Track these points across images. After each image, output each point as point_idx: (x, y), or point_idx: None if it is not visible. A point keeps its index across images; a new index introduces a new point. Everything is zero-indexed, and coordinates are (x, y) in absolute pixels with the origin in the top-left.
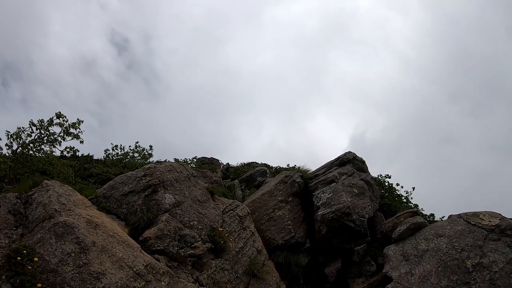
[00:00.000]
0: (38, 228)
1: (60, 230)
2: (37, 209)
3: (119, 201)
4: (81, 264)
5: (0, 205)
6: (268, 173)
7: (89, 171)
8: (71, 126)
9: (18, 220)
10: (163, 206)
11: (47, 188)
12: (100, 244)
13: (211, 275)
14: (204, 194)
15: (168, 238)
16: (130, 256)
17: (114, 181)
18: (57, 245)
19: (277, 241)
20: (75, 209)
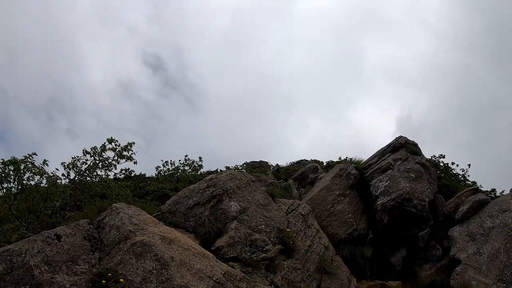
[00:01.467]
0: (115, 250)
1: (139, 250)
2: (111, 232)
3: (186, 214)
4: (164, 280)
5: (75, 232)
6: (319, 169)
7: (145, 190)
8: (123, 149)
9: (94, 244)
10: (230, 214)
11: (117, 211)
12: (178, 259)
13: (285, 276)
14: (266, 198)
15: (240, 245)
16: (208, 267)
17: (178, 195)
18: (138, 264)
19: (340, 235)
20: (148, 228)
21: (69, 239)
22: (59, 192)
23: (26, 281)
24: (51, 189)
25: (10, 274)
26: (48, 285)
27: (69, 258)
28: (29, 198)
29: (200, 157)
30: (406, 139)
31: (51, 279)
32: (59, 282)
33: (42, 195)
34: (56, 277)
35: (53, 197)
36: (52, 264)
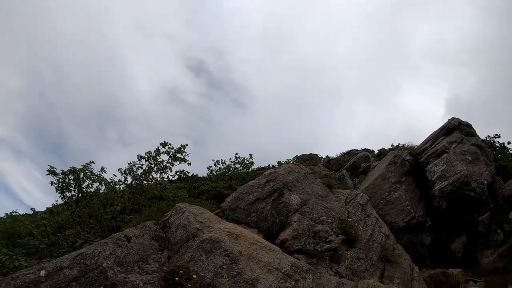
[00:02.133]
0: (184, 248)
1: (208, 246)
2: (178, 231)
3: (247, 210)
4: (235, 274)
5: (143, 233)
6: (370, 157)
7: (199, 190)
8: (177, 151)
9: (161, 244)
10: (292, 207)
11: (182, 211)
12: (246, 253)
13: (349, 266)
14: (324, 189)
15: (303, 237)
16: (275, 259)
17: (237, 192)
18: (208, 260)
19: (398, 223)
20: (213, 225)
21: (138, 240)
22: (118, 197)
23: (100, 282)
24: (110, 195)
25: (84, 276)
26: (122, 285)
27: (140, 258)
28: (90, 204)
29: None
30: (459, 120)
31: (124, 279)
32: (133, 282)
33: (102, 200)
34: (129, 277)
35: (113, 202)
36: (124, 264)
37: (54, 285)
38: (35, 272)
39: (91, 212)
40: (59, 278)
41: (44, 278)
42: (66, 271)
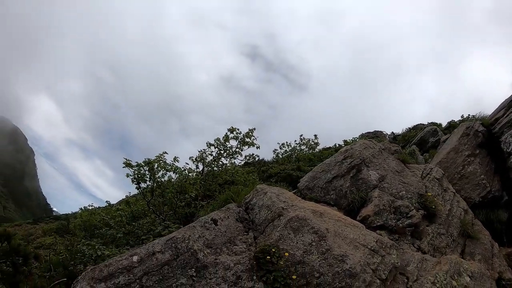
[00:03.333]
0: (270, 228)
1: (295, 224)
2: (261, 212)
3: (325, 188)
4: (324, 250)
5: (228, 216)
6: (439, 131)
7: (268, 173)
8: (245, 136)
9: (246, 225)
10: (371, 183)
11: (264, 191)
12: (332, 230)
13: (430, 242)
14: (398, 164)
15: (385, 213)
16: (360, 236)
17: (313, 171)
18: (297, 238)
19: (473, 199)
20: (296, 204)
21: (224, 222)
22: (190, 185)
23: (191, 264)
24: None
25: (176, 259)
26: (213, 266)
27: (227, 240)
28: (164, 193)
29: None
30: None
31: (215, 261)
32: (223, 263)
33: (176, 188)
34: (219, 258)
35: (186, 189)
36: (212, 247)
37: (147, 270)
38: (128, 258)
39: (165, 200)
40: (152, 262)
41: (137, 263)
42: (158, 255)
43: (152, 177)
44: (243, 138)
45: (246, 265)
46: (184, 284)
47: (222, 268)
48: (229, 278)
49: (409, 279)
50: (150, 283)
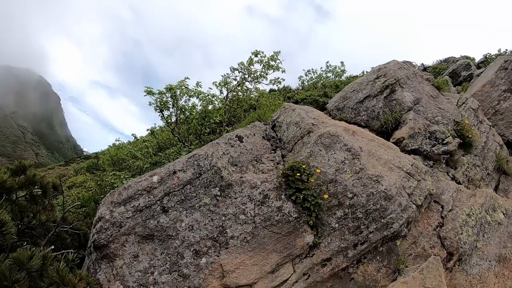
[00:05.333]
0: (299, 146)
1: (327, 141)
2: (290, 129)
3: (356, 109)
4: (358, 170)
5: (254, 133)
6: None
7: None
8: (270, 59)
9: (273, 143)
10: (405, 104)
11: (292, 108)
12: (365, 149)
13: (465, 172)
14: (433, 90)
15: (420, 136)
16: (395, 158)
17: (344, 91)
18: (329, 155)
19: (507, 137)
20: (326, 121)
21: (249, 140)
22: (215, 110)
23: (215, 183)
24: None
25: (199, 178)
26: (238, 184)
27: (253, 158)
28: (189, 119)
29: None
30: None
31: (240, 179)
32: (250, 181)
33: (200, 114)
34: (245, 176)
35: (211, 115)
36: (238, 164)
37: (168, 190)
38: (148, 178)
39: (190, 127)
40: (173, 182)
41: (158, 184)
42: (180, 174)
43: (175, 103)
44: (268, 61)
45: (274, 184)
46: (208, 204)
47: (248, 186)
48: (256, 197)
49: (443, 208)
50: (171, 204)
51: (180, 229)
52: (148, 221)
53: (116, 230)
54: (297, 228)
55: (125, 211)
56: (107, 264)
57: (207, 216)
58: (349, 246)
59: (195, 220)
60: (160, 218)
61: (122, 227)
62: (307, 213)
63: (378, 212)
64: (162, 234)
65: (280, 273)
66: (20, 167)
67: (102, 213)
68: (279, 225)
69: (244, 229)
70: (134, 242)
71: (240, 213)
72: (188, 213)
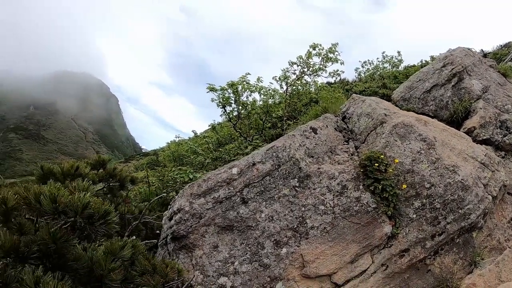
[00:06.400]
0: (372, 136)
1: (402, 131)
2: (361, 120)
3: (423, 99)
4: (434, 160)
5: (326, 125)
6: None
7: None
8: (328, 51)
9: (345, 135)
10: (474, 93)
11: (362, 99)
12: (439, 139)
13: None
14: (500, 77)
15: (490, 126)
16: (468, 148)
17: (409, 81)
18: (404, 145)
19: None
20: (398, 111)
21: (323, 132)
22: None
23: (294, 174)
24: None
25: (278, 169)
26: (316, 175)
27: (328, 149)
28: (250, 114)
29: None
30: None
31: (318, 170)
32: (327, 172)
33: (262, 109)
34: (323, 167)
35: (272, 109)
36: (313, 156)
37: (247, 181)
38: (227, 170)
39: (251, 123)
40: (252, 174)
41: (237, 175)
42: (259, 166)
43: (237, 99)
44: (326, 54)
45: (352, 174)
46: (287, 195)
47: (326, 177)
48: (334, 188)
49: None
50: (251, 195)
51: (260, 220)
52: (228, 212)
53: (196, 221)
54: (375, 218)
55: (205, 202)
56: (186, 254)
57: (287, 207)
58: (427, 237)
59: (274, 211)
60: (239, 209)
61: (202, 218)
62: (385, 204)
63: (455, 203)
64: (241, 225)
65: (359, 264)
66: (99, 162)
67: (182, 204)
68: (358, 215)
69: (323, 220)
70: (213, 233)
71: (319, 203)
72: (268, 204)
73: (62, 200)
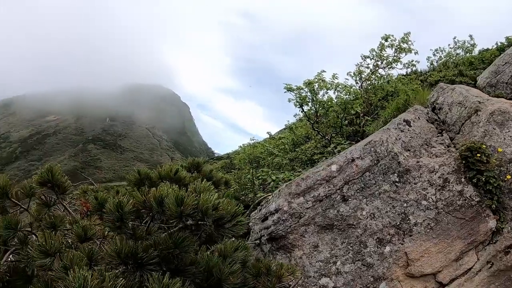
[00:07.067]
0: (468, 126)
1: (499, 118)
2: (452, 110)
3: None
4: None
5: (418, 117)
6: None
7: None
8: (401, 41)
9: (437, 126)
10: None
11: (451, 88)
12: None
13: None
14: None
15: None
16: None
17: (494, 65)
18: (504, 133)
19: None
20: (490, 98)
21: (416, 124)
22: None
23: (393, 169)
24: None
25: (377, 165)
26: (416, 169)
27: (423, 142)
28: (328, 112)
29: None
30: None
31: (417, 164)
32: (427, 165)
33: (339, 106)
34: (421, 161)
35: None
36: (410, 149)
37: (347, 179)
38: (326, 168)
39: (329, 121)
40: (352, 170)
41: (336, 173)
42: (358, 161)
43: (314, 97)
44: (399, 44)
45: (452, 167)
46: (388, 191)
47: (427, 171)
48: (436, 182)
49: None
50: (351, 192)
51: (361, 218)
52: (328, 210)
53: (295, 221)
54: (479, 212)
55: (304, 201)
56: (284, 255)
57: (388, 203)
58: None
59: (376, 208)
60: (340, 207)
61: (302, 217)
62: (488, 197)
63: None
64: (342, 223)
65: (464, 261)
66: (193, 164)
67: (280, 204)
68: (462, 210)
69: (427, 215)
70: (313, 233)
71: (421, 198)
72: (368, 201)
73: (189, 202)
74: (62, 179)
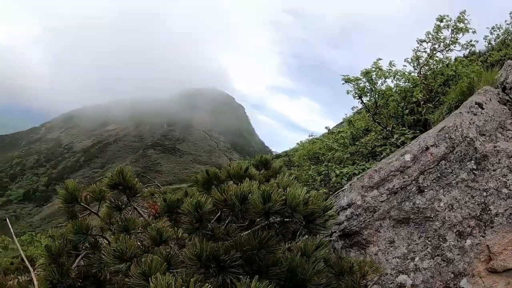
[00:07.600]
0: None
1: None
2: None
3: None
4: None
5: (490, 98)
6: None
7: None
8: (457, 21)
9: (510, 107)
10: None
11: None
12: None
13: None
14: None
15: None
16: None
17: None
18: None
19: None
20: None
21: (488, 106)
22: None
23: (470, 156)
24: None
25: (452, 152)
26: (494, 155)
27: (498, 125)
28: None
29: None
30: None
31: (494, 149)
32: (505, 150)
33: (399, 94)
34: (498, 145)
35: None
36: (485, 134)
37: (422, 168)
38: (399, 158)
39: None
40: (427, 159)
41: (411, 162)
42: (433, 149)
43: (373, 87)
44: (455, 24)
45: None
46: (465, 179)
47: (505, 156)
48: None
49: None
50: (427, 182)
51: (438, 209)
52: (403, 203)
53: (370, 216)
54: None
55: (378, 194)
56: (358, 252)
57: (466, 193)
58: None
59: (454, 198)
60: (415, 199)
61: (376, 211)
62: None
63: None
64: (418, 216)
65: None
66: (261, 161)
67: (353, 199)
68: None
69: (508, 205)
70: (388, 227)
71: (501, 186)
72: (446, 191)
73: (277, 198)
74: (133, 181)
